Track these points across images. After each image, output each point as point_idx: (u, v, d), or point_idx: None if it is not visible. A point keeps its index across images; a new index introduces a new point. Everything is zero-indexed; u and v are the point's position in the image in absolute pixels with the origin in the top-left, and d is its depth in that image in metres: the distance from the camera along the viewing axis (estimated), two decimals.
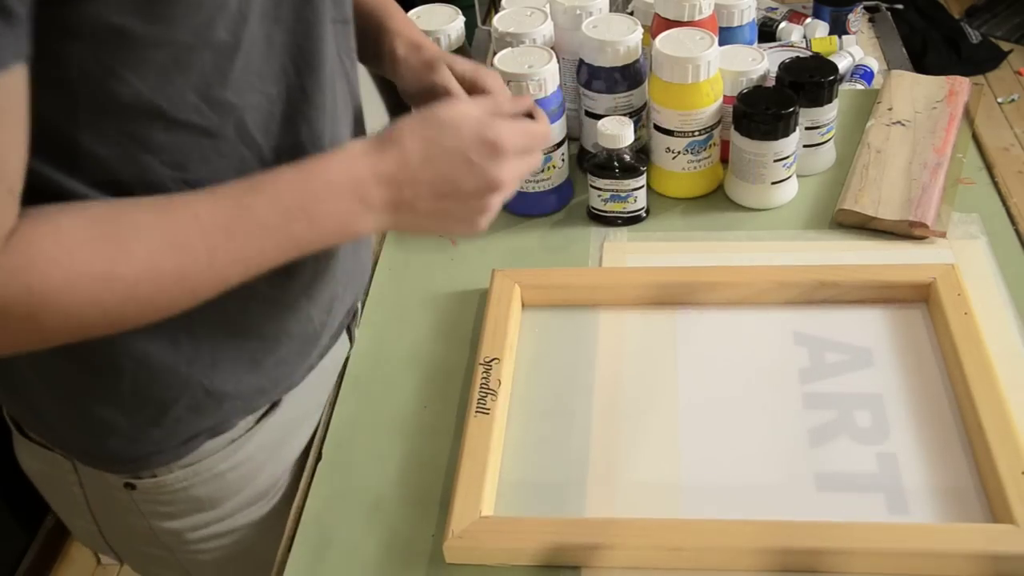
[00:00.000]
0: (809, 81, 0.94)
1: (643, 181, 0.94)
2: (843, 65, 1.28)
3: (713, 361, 0.81)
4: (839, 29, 1.36)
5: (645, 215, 0.97)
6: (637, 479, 0.73)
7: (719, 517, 0.68)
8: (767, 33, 1.37)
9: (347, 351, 0.89)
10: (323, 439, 0.79)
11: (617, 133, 0.91)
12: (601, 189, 0.94)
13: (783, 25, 1.37)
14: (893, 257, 0.89)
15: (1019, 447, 0.69)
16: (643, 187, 0.95)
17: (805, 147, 0.98)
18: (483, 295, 0.89)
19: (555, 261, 0.94)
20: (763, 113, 0.91)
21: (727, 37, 1.02)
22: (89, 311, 0.55)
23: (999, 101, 2.85)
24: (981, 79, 2.91)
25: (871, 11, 1.47)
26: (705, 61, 0.90)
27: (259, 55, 0.62)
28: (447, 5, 1.02)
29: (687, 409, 0.78)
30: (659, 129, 0.96)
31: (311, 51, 0.66)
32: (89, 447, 0.74)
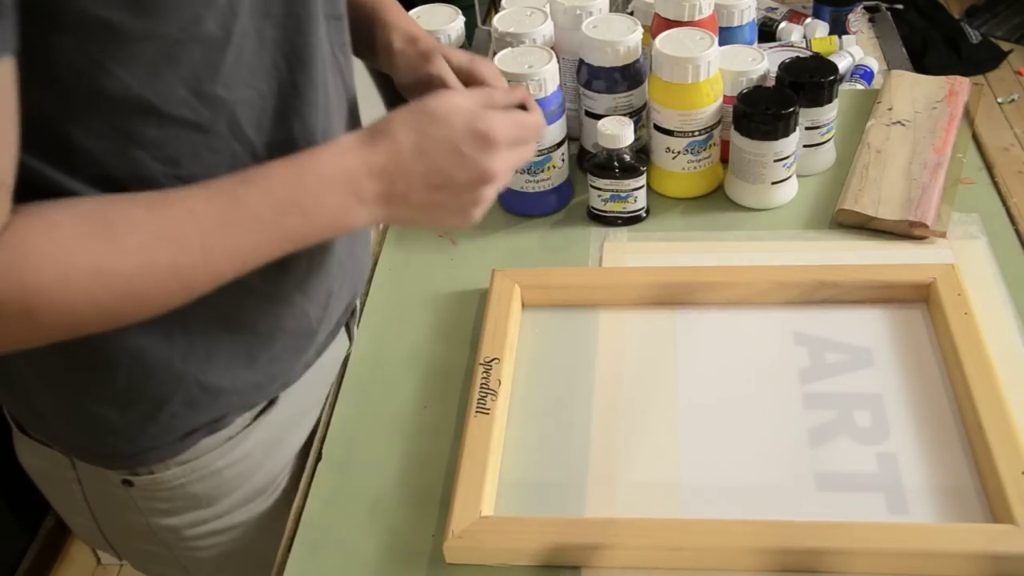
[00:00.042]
0: (809, 81, 0.94)
1: (643, 181, 0.94)
2: (843, 65, 1.28)
3: (713, 361, 0.81)
4: (839, 29, 1.36)
5: (645, 215, 0.97)
6: (637, 479, 0.73)
7: (719, 517, 0.68)
8: (767, 33, 1.37)
9: (346, 349, 0.89)
10: (323, 439, 0.79)
11: (617, 133, 0.91)
12: (601, 189, 0.94)
13: (783, 25, 1.37)
14: (893, 257, 0.89)
15: (1019, 447, 0.69)
16: (643, 187, 0.95)
17: (805, 147, 0.98)
18: (483, 295, 0.89)
19: (555, 261, 0.94)
20: (763, 113, 0.91)
21: (727, 37, 1.02)
22: (84, 306, 0.55)
23: (999, 101, 2.85)
24: (981, 79, 2.91)
25: (871, 11, 1.47)
26: (705, 61, 0.90)
27: (250, 50, 0.62)
28: (447, 5, 1.02)
29: (687, 409, 0.78)
30: (659, 129, 0.96)
31: (302, 46, 0.65)
32: (86, 444, 0.74)
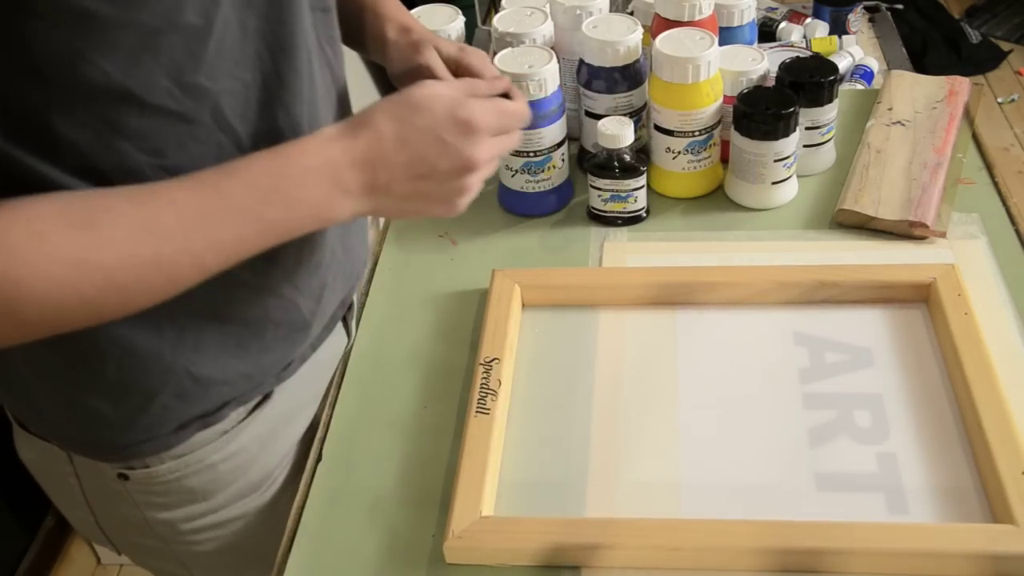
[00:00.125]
0: (809, 81, 0.94)
1: (643, 181, 0.94)
2: (843, 65, 1.28)
3: (713, 361, 0.81)
4: (839, 29, 1.36)
5: (645, 215, 0.97)
6: (637, 479, 0.73)
7: (719, 517, 0.68)
8: (767, 33, 1.37)
9: (344, 345, 0.89)
10: (323, 439, 0.79)
11: (617, 133, 0.91)
12: (601, 189, 0.94)
13: (783, 25, 1.37)
14: (893, 257, 0.89)
15: (1019, 447, 0.69)
16: (643, 187, 0.95)
17: (805, 147, 0.98)
18: (483, 295, 0.89)
19: (555, 261, 0.94)
20: (763, 113, 0.91)
21: (727, 37, 1.02)
22: (67, 299, 0.55)
23: (999, 101, 2.85)
24: (981, 79, 2.92)
25: (871, 11, 1.47)
26: (705, 61, 0.90)
27: (233, 40, 0.62)
28: (447, 5, 1.02)
29: (687, 409, 0.78)
30: (659, 129, 0.96)
31: (285, 37, 0.65)
32: (81, 437, 0.75)
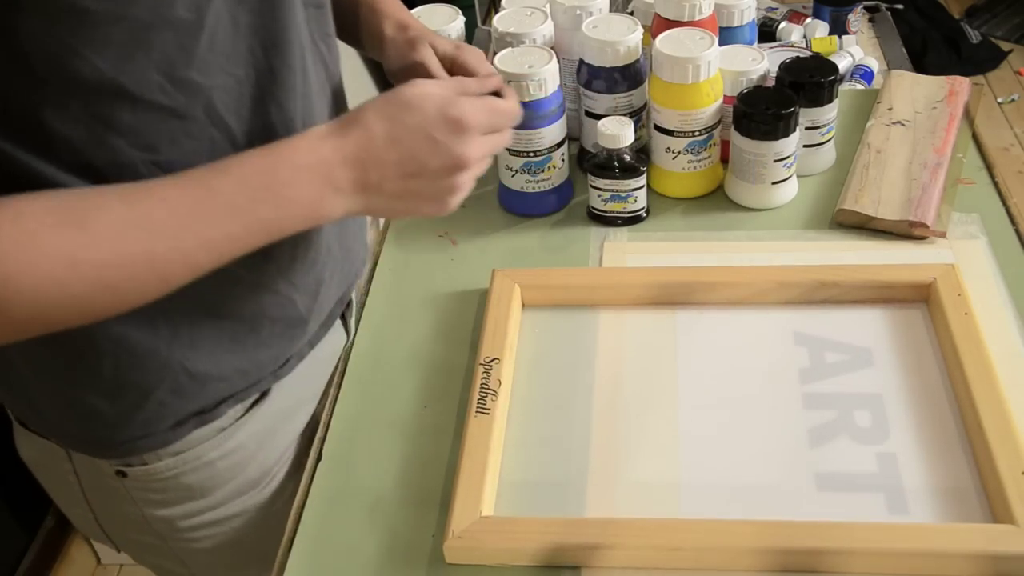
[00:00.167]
0: (809, 81, 0.94)
1: (643, 181, 0.94)
2: (843, 65, 1.28)
3: (713, 361, 0.81)
4: (839, 29, 1.36)
5: (645, 215, 0.97)
6: (637, 479, 0.73)
7: (719, 517, 0.68)
8: (767, 33, 1.37)
9: (343, 343, 0.89)
10: (323, 439, 0.79)
11: (617, 133, 0.91)
12: (601, 189, 0.94)
13: (783, 25, 1.37)
14: (893, 257, 0.89)
15: (1019, 447, 0.69)
16: (643, 187, 0.95)
17: (805, 147, 0.98)
18: (483, 295, 0.89)
19: (555, 261, 0.94)
20: (763, 113, 0.91)
21: (727, 37, 1.02)
22: (57, 297, 0.55)
23: (999, 101, 2.85)
24: (981, 79, 2.92)
25: (871, 11, 1.47)
26: (705, 61, 0.90)
27: (225, 36, 0.62)
28: (447, 5, 1.03)
29: (687, 409, 0.78)
30: (659, 129, 0.96)
31: (278, 32, 0.65)
32: (78, 433, 0.75)
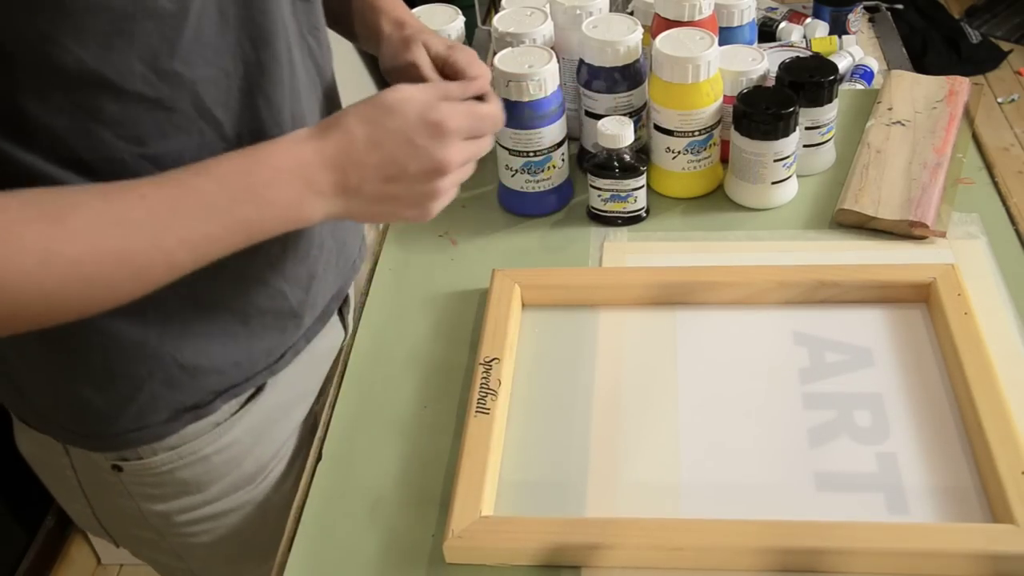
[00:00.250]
0: (809, 81, 0.94)
1: (643, 181, 0.94)
2: (843, 65, 1.28)
3: (713, 361, 0.81)
4: (839, 29, 1.36)
5: (645, 215, 0.97)
6: (637, 479, 0.73)
7: (719, 517, 0.68)
8: (767, 33, 1.37)
9: (341, 340, 0.89)
10: (323, 439, 0.79)
11: (617, 133, 0.91)
12: (601, 189, 0.94)
13: (783, 25, 1.37)
14: (893, 257, 0.89)
15: (1019, 447, 0.69)
16: (643, 187, 0.95)
17: (805, 147, 0.98)
18: (483, 295, 0.89)
19: (555, 261, 0.94)
20: (763, 113, 0.91)
21: (727, 37, 1.02)
22: (30, 292, 0.54)
23: (999, 101, 2.85)
24: (981, 79, 2.92)
25: (871, 11, 1.47)
26: (705, 61, 0.90)
27: (211, 27, 0.62)
28: (447, 5, 1.03)
29: (687, 409, 0.78)
30: (659, 129, 0.96)
31: (265, 25, 0.65)
32: (72, 426, 0.75)
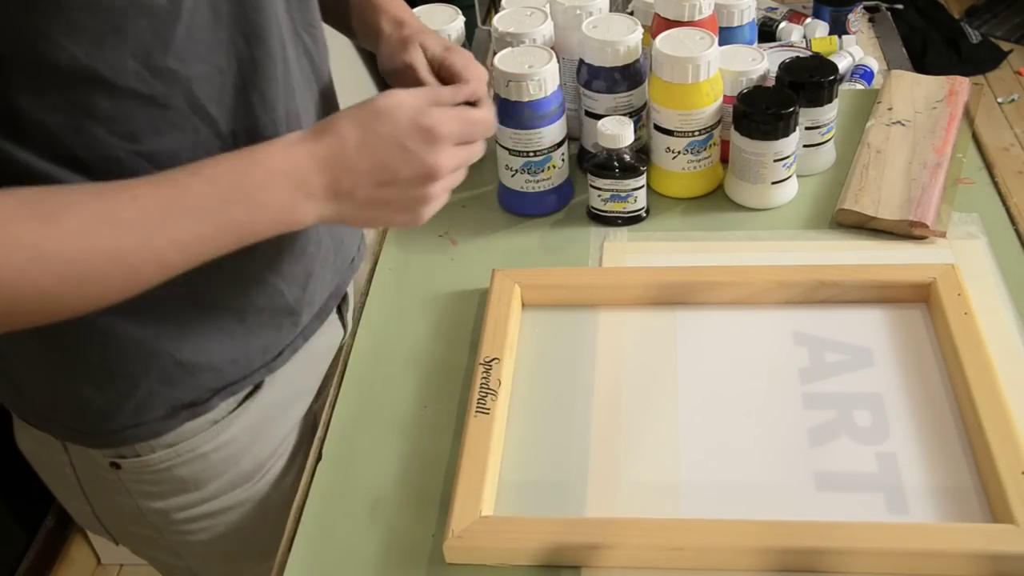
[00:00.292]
0: (809, 81, 0.94)
1: (643, 181, 0.94)
2: (843, 65, 1.28)
3: (713, 361, 0.81)
4: (839, 29, 1.36)
5: (645, 215, 0.97)
6: (637, 479, 0.73)
7: (719, 517, 0.68)
8: (767, 33, 1.37)
9: (340, 339, 0.89)
10: (323, 439, 0.79)
11: (617, 133, 0.91)
12: (601, 189, 0.94)
13: (783, 25, 1.37)
14: (893, 257, 0.89)
15: (1019, 447, 0.69)
16: (643, 187, 0.95)
17: (805, 147, 0.98)
18: (483, 295, 0.89)
19: (555, 261, 0.94)
20: (763, 113, 0.91)
21: (727, 37, 1.02)
22: (24, 290, 0.55)
23: (999, 101, 2.85)
24: (981, 79, 2.92)
25: (871, 11, 1.47)
26: (705, 61, 0.90)
27: (205, 25, 0.62)
28: (447, 5, 1.03)
29: (687, 409, 0.78)
30: (659, 129, 0.96)
31: (258, 21, 0.66)
32: (70, 423, 0.75)
